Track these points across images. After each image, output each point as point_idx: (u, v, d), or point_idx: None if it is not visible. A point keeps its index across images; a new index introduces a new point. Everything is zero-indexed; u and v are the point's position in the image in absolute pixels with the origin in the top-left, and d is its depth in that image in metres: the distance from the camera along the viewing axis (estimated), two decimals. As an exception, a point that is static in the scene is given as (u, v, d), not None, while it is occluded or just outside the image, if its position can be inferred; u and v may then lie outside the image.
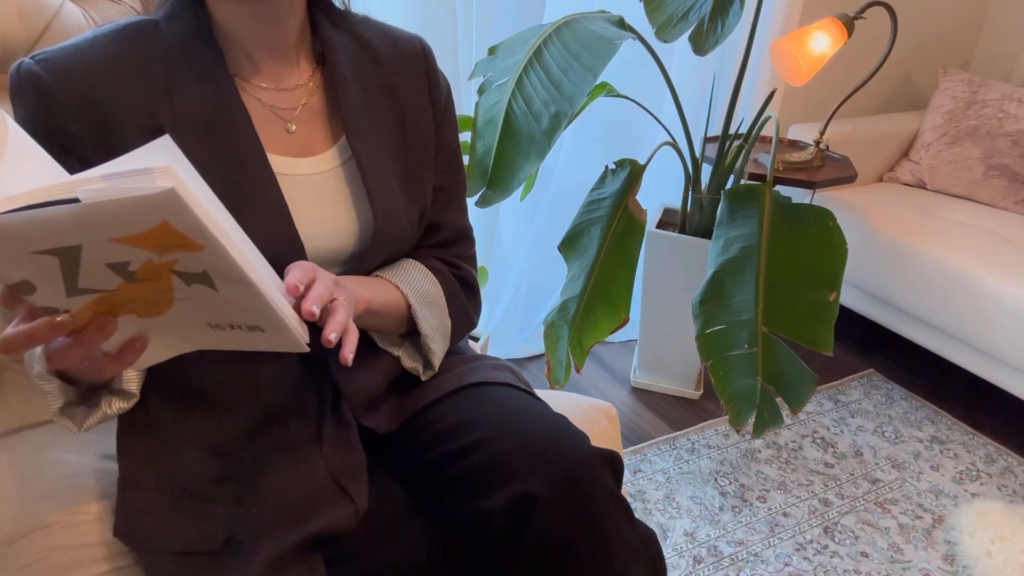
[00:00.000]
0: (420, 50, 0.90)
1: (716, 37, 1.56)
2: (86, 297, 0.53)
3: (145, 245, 0.49)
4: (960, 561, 1.53)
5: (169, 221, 0.48)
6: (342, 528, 0.76)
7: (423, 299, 0.87)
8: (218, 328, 0.59)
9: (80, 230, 0.48)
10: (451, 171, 0.93)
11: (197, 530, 0.74)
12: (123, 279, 0.52)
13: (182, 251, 0.50)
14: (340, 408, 0.84)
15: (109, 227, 0.48)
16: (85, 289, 0.52)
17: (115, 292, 0.53)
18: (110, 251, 0.50)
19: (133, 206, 0.46)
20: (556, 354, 1.55)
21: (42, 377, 0.67)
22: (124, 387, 0.72)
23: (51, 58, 0.70)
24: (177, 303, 0.56)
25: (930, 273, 1.96)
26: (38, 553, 0.79)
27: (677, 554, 1.50)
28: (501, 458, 0.76)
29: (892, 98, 2.62)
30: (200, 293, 0.55)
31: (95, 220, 0.47)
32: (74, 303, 0.53)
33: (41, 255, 0.49)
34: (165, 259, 0.51)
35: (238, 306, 0.57)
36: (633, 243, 1.57)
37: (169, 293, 0.54)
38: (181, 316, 0.58)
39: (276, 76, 0.80)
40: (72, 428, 0.71)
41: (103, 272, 0.51)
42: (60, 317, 0.53)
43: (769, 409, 1.44)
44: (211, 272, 0.53)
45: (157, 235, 0.49)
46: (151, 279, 0.52)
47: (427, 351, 0.87)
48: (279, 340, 0.61)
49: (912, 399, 2.07)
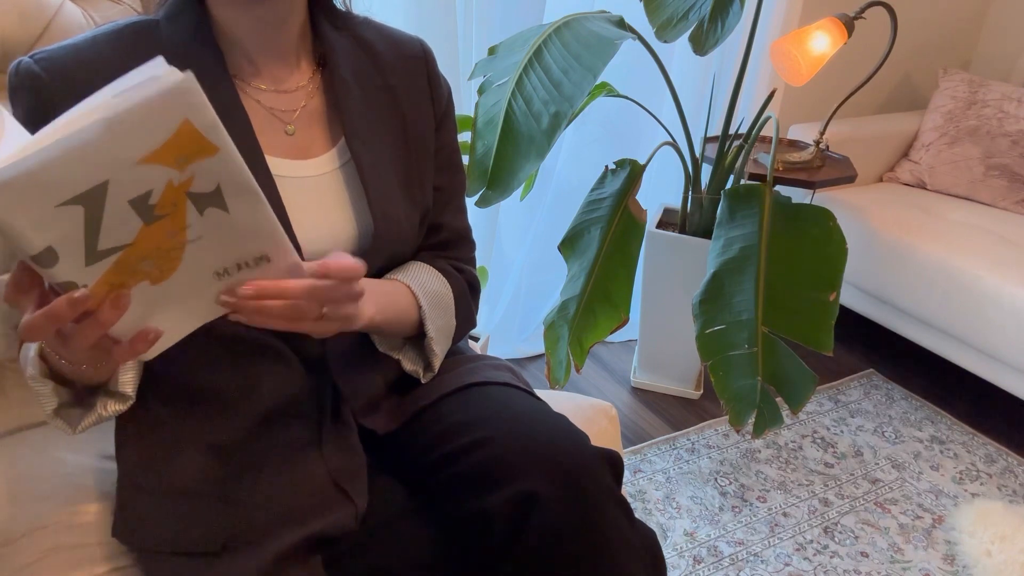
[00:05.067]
0: (421, 52, 0.89)
1: (716, 37, 1.56)
2: (104, 265, 0.53)
3: (167, 159, 0.50)
4: (960, 561, 1.53)
5: (189, 119, 0.49)
6: (342, 529, 0.76)
7: (433, 300, 0.87)
8: (225, 276, 0.60)
9: (108, 155, 0.48)
10: (450, 172, 0.93)
11: (196, 531, 0.74)
12: (143, 220, 0.52)
13: (200, 159, 0.51)
14: (340, 409, 0.84)
15: (135, 142, 0.48)
16: (104, 251, 0.52)
17: (132, 248, 0.53)
18: (135, 179, 0.50)
19: (155, 106, 0.47)
20: (556, 354, 1.55)
21: (36, 379, 0.67)
22: (120, 389, 0.71)
23: (50, 57, 0.70)
24: (189, 249, 0.56)
25: (930, 273, 1.96)
26: (38, 553, 0.79)
27: (677, 554, 1.50)
28: (501, 458, 0.76)
29: (892, 98, 2.62)
30: (212, 224, 0.55)
31: (122, 136, 0.47)
32: (92, 274, 0.53)
33: (67, 207, 0.48)
34: (184, 176, 0.51)
35: (246, 230, 0.57)
36: (633, 243, 1.57)
37: (182, 236, 0.55)
38: (191, 272, 0.58)
39: (276, 78, 0.79)
40: (67, 430, 0.70)
41: (125, 216, 0.51)
42: (78, 292, 0.52)
43: (769, 409, 1.44)
44: (223, 185, 0.53)
45: (179, 141, 0.49)
46: (168, 213, 0.53)
47: (429, 352, 0.87)
48: (283, 270, 0.62)
49: (912, 399, 2.07)
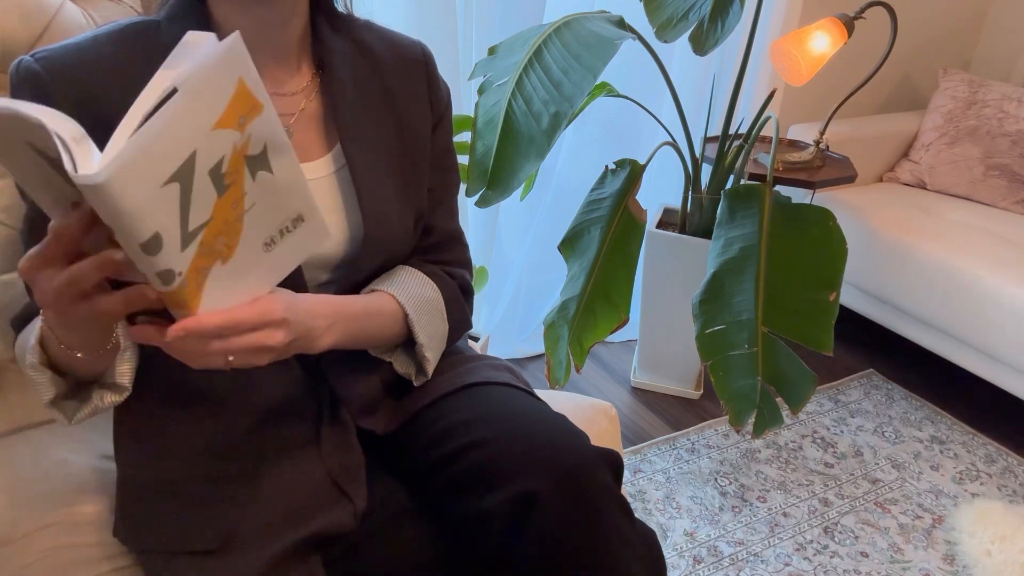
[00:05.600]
0: (421, 56, 0.89)
1: (716, 37, 1.56)
2: (192, 247, 0.55)
3: (232, 122, 0.53)
4: (960, 561, 1.53)
5: (243, 77, 0.52)
6: (341, 529, 0.76)
7: (421, 307, 0.86)
8: (271, 246, 0.63)
9: (193, 124, 0.50)
10: (442, 172, 0.93)
11: (196, 530, 0.74)
12: (216, 192, 0.55)
13: (254, 117, 0.55)
14: (338, 410, 0.84)
15: (210, 106, 0.51)
16: (193, 231, 0.55)
17: (210, 224, 0.56)
18: (212, 147, 0.53)
19: (220, 66, 0.50)
20: (556, 354, 1.55)
21: (35, 368, 0.67)
22: (117, 380, 0.72)
23: (50, 56, 0.70)
24: (246, 219, 0.59)
25: (930, 273, 1.96)
26: (38, 553, 0.79)
27: (677, 554, 1.50)
28: (501, 457, 0.76)
29: (892, 98, 2.62)
30: (262, 188, 0.59)
31: (199, 101, 0.50)
32: (185, 258, 0.55)
33: (167, 186, 0.51)
34: (243, 139, 0.55)
35: (287, 190, 0.61)
36: (633, 243, 1.57)
37: (241, 206, 0.58)
38: (249, 245, 0.61)
39: (276, 80, 0.79)
40: (63, 421, 0.71)
41: (205, 190, 0.54)
42: (152, 292, 0.56)
43: (769, 409, 1.44)
44: (268, 144, 0.57)
45: (238, 101, 0.53)
46: (233, 182, 0.56)
47: (421, 359, 0.87)
48: (312, 231, 0.65)
49: (912, 399, 2.07)
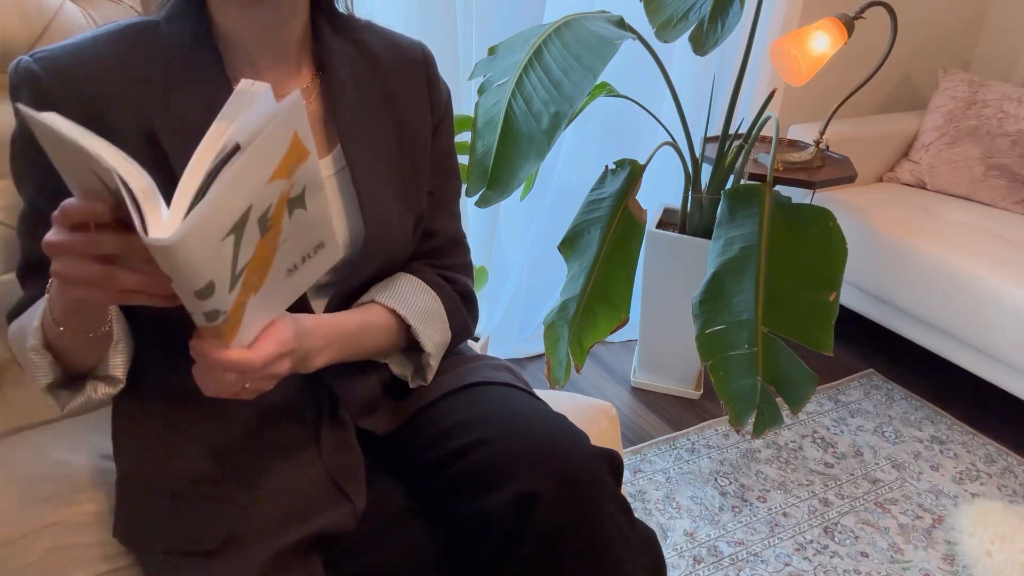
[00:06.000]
0: (422, 57, 0.89)
1: (716, 37, 1.56)
2: (237, 287, 0.56)
3: (284, 172, 0.54)
4: (960, 561, 1.53)
5: (297, 131, 0.53)
6: (341, 528, 0.76)
7: (424, 317, 0.86)
8: (293, 272, 0.64)
9: (252, 180, 0.51)
10: (444, 176, 0.93)
11: (195, 530, 0.74)
12: (260, 234, 0.56)
13: (300, 165, 0.56)
14: (338, 411, 0.84)
15: (267, 162, 0.52)
16: (239, 273, 0.56)
17: (252, 263, 0.57)
18: (265, 197, 0.54)
19: (279, 125, 0.51)
20: (556, 354, 1.55)
21: (36, 350, 0.67)
22: (111, 373, 0.72)
23: (49, 56, 0.70)
24: (278, 253, 0.61)
25: (930, 273, 1.96)
26: (38, 553, 0.79)
27: (677, 554, 1.50)
28: (501, 457, 0.76)
29: (892, 98, 2.62)
30: (296, 224, 0.60)
31: (259, 159, 0.51)
32: (231, 298, 0.56)
33: (226, 238, 0.52)
34: (289, 184, 0.56)
35: (314, 223, 0.62)
36: (633, 243, 1.57)
37: (275, 242, 0.59)
38: (276, 274, 0.62)
39: (276, 82, 0.79)
40: (56, 408, 0.72)
41: (252, 234, 0.55)
42: (206, 326, 0.57)
43: (769, 409, 1.44)
44: (308, 185, 0.59)
45: (291, 153, 0.54)
46: (275, 224, 0.57)
47: (424, 365, 0.87)
48: (328, 253, 0.67)
49: (912, 399, 2.07)
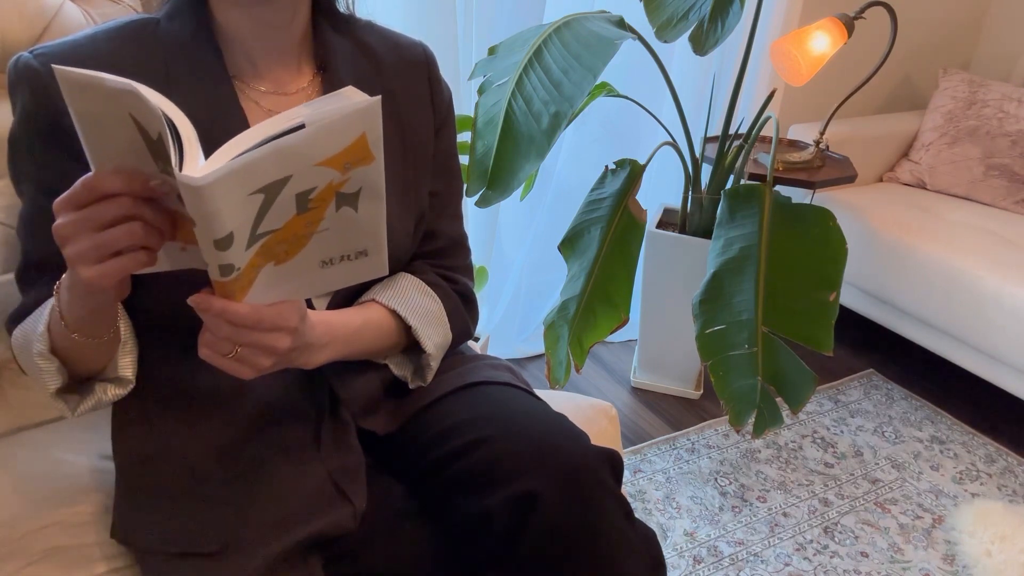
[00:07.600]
0: (423, 56, 0.89)
1: (716, 37, 1.56)
2: (255, 248, 0.57)
3: (337, 164, 0.55)
4: (960, 561, 1.53)
5: (366, 133, 0.54)
6: (341, 529, 0.76)
7: (424, 318, 0.86)
8: (327, 265, 0.64)
9: (300, 157, 0.52)
10: (446, 177, 0.92)
11: (195, 531, 0.74)
12: (296, 211, 0.56)
13: (360, 166, 0.56)
14: (338, 411, 0.84)
15: (322, 148, 0.53)
16: (260, 235, 0.56)
17: (278, 233, 0.57)
18: (308, 176, 0.54)
19: (348, 121, 0.52)
20: (556, 354, 1.55)
21: (43, 356, 0.67)
22: (120, 374, 0.72)
23: (48, 53, 0.70)
24: (315, 238, 0.60)
25: (930, 273, 1.96)
26: (38, 553, 0.79)
27: (677, 554, 1.50)
28: (501, 457, 0.76)
29: (892, 98, 2.62)
30: (341, 220, 0.60)
31: (315, 143, 0.52)
32: (247, 256, 0.57)
33: (254, 195, 0.53)
34: (343, 178, 0.56)
35: (363, 228, 0.62)
36: (633, 243, 1.57)
37: (315, 226, 0.59)
38: (307, 258, 0.62)
39: (277, 80, 0.79)
40: (66, 412, 0.71)
41: (286, 205, 0.55)
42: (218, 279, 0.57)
43: (769, 409, 1.44)
44: (365, 188, 0.59)
45: (352, 151, 0.55)
46: (316, 207, 0.57)
47: (425, 366, 0.87)
48: (371, 265, 0.65)
49: (912, 399, 2.07)
